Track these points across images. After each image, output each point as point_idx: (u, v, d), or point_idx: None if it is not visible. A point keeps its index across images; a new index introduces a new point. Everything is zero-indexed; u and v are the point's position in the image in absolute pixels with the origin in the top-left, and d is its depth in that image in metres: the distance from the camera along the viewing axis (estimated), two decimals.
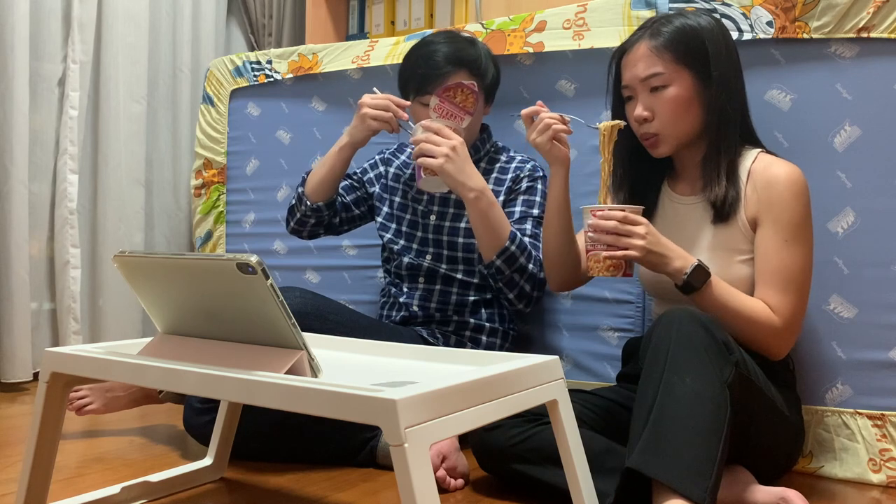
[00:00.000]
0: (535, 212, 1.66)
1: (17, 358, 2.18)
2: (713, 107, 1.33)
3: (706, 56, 1.31)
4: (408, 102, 1.59)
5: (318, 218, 1.73)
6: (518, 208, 1.67)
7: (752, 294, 1.30)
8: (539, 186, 1.69)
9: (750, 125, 1.40)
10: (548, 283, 1.51)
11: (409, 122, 1.59)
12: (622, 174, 1.45)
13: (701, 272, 1.24)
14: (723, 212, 1.32)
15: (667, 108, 1.32)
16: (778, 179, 1.29)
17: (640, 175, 1.45)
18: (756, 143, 1.39)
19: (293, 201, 1.74)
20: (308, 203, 1.69)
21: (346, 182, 1.81)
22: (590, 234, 1.28)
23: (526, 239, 1.59)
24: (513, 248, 1.53)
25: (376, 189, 1.83)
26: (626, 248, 1.24)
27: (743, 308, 1.25)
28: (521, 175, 1.70)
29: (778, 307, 1.26)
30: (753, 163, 1.34)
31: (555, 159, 1.39)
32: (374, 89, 1.63)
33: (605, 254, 1.26)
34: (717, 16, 1.58)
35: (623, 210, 1.25)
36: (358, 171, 1.84)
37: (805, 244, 1.28)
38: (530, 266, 1.56)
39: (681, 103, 1.32)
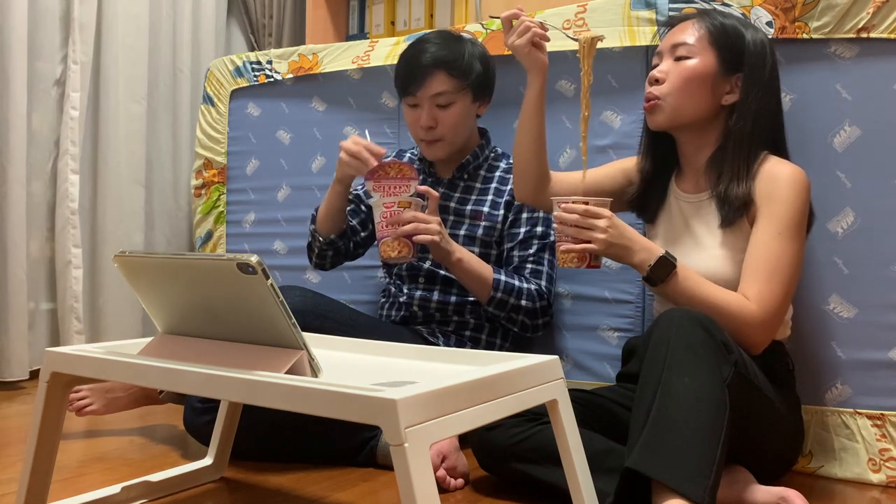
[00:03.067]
0: (539, 230, 1.68)
1: (14, 357, 2.18)
2: (743, 102, 1.33)
3: (741, 52, 1.33)
4: (383, 150, 1.58)
5: (335, 249, 1.77)
6: (522, 229, 1.68)
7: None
8: None
9: (780, 137, 1.39)
10: (516, 192, 1.52)
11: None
12: (644, 160, 1.48)
13: (665, 264, 1.25)
14: (729, 211, 1.31)
15: (680, 75, 1.34)
16: (781, 176, 1.30)
17: (655, 172, 1.46)
18: (777, 149, 1.38)
19: (309, 239, 1.79)
20: (321, 238, 1.73)
21: (349, 206, 1.82)
22: (555, 225, 1.30)
23: (529, 264, 1.65)
24: (499, 294, 1.60)
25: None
26: (588, 241, 1.26)
27: (715, 298, 1.24)
28: None
29: (759, 296, 1.23)
30: (761, 165, 1.33)
31: (533, 64, 1.38)
32: (366, 132, 1.64)
33: (563, 246, 1.28)
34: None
35: (586, 202, 1.27)
36: (357, 190, 1.84)
37: (797, 241, 1.28)
38: (523, 302, 1.61)
39: (694, 76, 1.33)
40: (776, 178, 1.30)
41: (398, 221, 1.48)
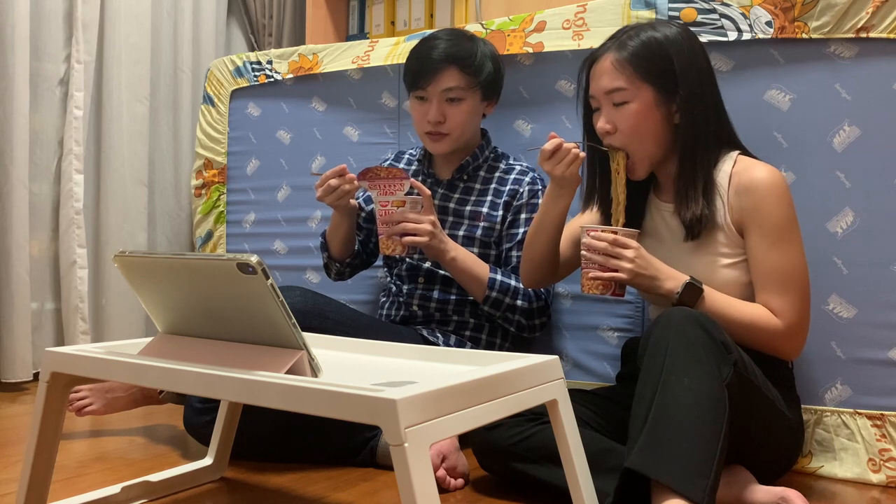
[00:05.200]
0: None
1: (18, 358, 2.18)
2: (684, 123, 1.32)
3: (671, 72, 1.31)
4: (342, 166, 1.62)
5: (353, 265, 1.84)
6: (521, 229, 1.68)
7: (747, 298, 1.31)
8: (539, 202, 1.69)
9: (728, 129, 1.38)
10: (524, 279, 1.54)
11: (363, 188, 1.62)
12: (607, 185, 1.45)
13: (693, 290, 1.26)
14: (693, 231, 1.32)
15: (627, 123, 1.32)
16: (757, 184, 1.29)
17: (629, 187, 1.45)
18: (734, 144, 1.38)
19: (324, 261, 1.85)
20: (339, 264, 1.81)
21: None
22: (583, 252, 1.31)
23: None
24: (494, 294, 1.61)
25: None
26: (615, 270, 1.27)
27: (742, 316, 1.26)
28: (521, 190, 1.70)
29: (779, 309, 1.26)
30: (734, 167, 1.33)
31: (571, 185, 1.38)
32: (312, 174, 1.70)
33: (591, 274, 1.30)
34: (716, 15, 1.58)
35: (615, 232, 1.28)
36: (358, 198, 1.83)
37: (794, 244, 1.28)
38: (519, 302, 1.62)
39: (640, 120, 1.32)
40: (752, 188, 1.29)
41: (390, 221, 1.53)
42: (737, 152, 1.35)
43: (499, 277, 1.61)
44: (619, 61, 1.32)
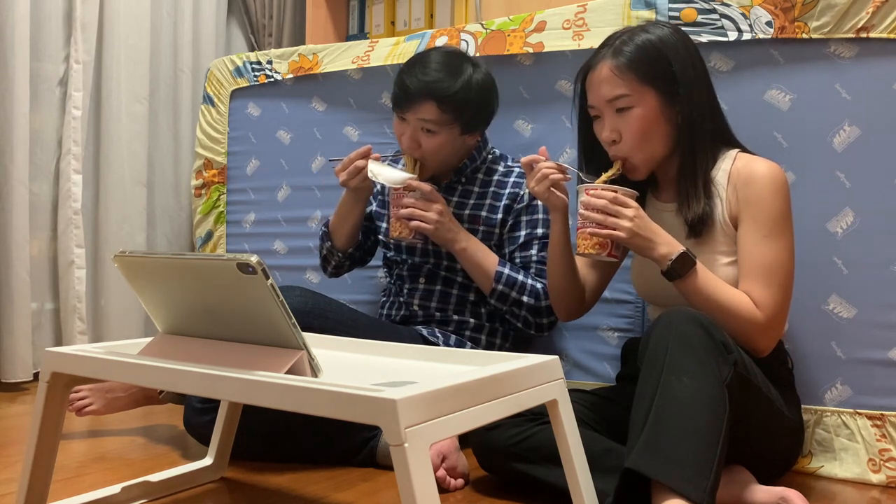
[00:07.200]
0: (540, 231, 1.67)
1: (18, 358, 2.18)
2: (684, 122, 1.32)
3: (671, 73, 1.30)
4: (368, 147, 1.63)
5: (352, 259, 1.85)
6: (522, 232, 1.67)
7: None
8: (540, 202, 1.68)
9: (724, 127, 1.38)
10: (557, 314, 1.53)
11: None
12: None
13: (686, 260, 1.24)
14: (696, 229, 1.32)
15: (633, 129, 1.31)
16: (756, 176, 1.29)
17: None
18: (732, 142, 1.38)
19: (324, 252, 1.84)
20: (340, 255, 1.80)
21: None
22: (581, 211, 1.29)
23: (533, 265, 1.64)
24: (500, 287, 1.60)
25: (373, 207, 1.84)
26: (614, 229, 1.25)
27: (727, 300, 1.24)
28: (521, 192, 1.69)
29: (761, 301, 1.25)
30: (733, 163, 1.33)
31: (553, 207, 1.38)
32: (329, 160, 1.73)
33: (589, 230, 1.27)
34: (716, 15, 1.59)
35: (615, 191, 1.26)
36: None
37: (785, 239, 1.28)
38: (525, 298, 1.61)
39: (647, 124, 1.31)
40: (751, 180, 1.29)
41: (400, 205, 1.54)
42: (736, 150, 1.35)
43: (506, 271, 1.60)
44: (617, 67, 1.31)
